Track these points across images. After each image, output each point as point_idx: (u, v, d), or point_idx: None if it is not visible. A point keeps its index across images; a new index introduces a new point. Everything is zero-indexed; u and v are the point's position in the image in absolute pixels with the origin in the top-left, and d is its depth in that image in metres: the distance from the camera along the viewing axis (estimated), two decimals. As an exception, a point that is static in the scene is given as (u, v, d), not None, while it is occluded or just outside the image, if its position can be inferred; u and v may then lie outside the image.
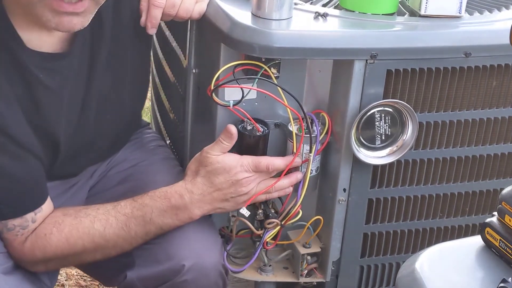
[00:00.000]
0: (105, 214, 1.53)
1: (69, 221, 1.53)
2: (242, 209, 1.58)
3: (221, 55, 1.55)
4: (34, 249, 1.52)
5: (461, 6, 1.60)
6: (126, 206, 1.54)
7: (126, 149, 1.82)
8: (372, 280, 1.75)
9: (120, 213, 1.53)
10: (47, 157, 1.55)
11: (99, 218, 1.53)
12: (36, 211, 1.52)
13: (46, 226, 1.53)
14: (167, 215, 1.53)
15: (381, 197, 1.66)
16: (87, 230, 1.52)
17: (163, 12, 1.56)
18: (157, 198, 1.53)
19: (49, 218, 1.54)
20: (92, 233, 1.52)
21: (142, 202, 1.53)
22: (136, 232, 1.53)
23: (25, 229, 1.51)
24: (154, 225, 1.53)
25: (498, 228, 1.16)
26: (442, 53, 1.55)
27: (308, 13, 1.57)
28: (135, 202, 1.54)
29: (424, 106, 1.59)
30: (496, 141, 1.68)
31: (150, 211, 1.52)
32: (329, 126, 1.59)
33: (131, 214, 1.53)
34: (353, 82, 1.52)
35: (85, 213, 1.54)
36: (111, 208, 1.54)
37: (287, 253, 1.72)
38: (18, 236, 1.51)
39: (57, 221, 1.53)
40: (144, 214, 1.52)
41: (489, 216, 1.20)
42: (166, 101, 2.00)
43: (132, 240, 1.54)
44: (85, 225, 1.53)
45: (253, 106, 1.59)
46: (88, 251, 1.55)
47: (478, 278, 1.14)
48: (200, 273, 1.56)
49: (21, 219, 1.50)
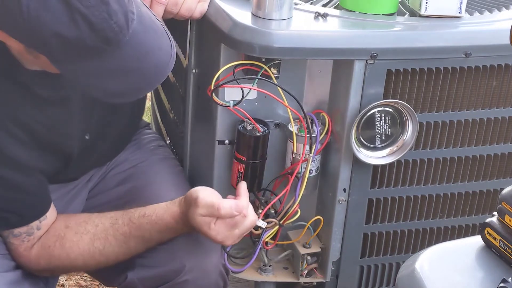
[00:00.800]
0: (104, 233, 1.54)
1: (70, 236, 1.54)
2: (258, 221, 1.57)
3: (221, 55, 1.55)
4: (39, 258, 1.54)
5: (461, 6, 1.60)
6: (124, 225, 1.54)
7: (126, 149, 1.82)
8: (372, 280, 1.75)
9: (119, 232, 1.54)
10: (56, 168, 1.56)
11: (98, 237, 1.54)
12: (41, 219, 1.53)
13: (50, 238, 1.54)
14: (166, 234, 1.54)
15: (381, 197, 1.66)
16: (87, 248, 1.54)
17: (165, 10, 1.55)
18: (154, 223, 1.53)
19: (52, 229, 1.55)
20: (92, 251, 1.54)
21: (139, 224, 1.53)
22: (136, 248, 1.54)
23: (31, 236, 1.52)
24: (154, 241, 1.54)
25: (498, 228, 1.16)
26: (442, 53, 1.55)
27: (308, 13, 1.57)
28: (132, 224, 1.54)
29: (424, 106, 1.59)
30: (496, 141, 1.68)
31: (148, 232, 1.53)
32: (329, 126, 1.59)
33: (129, 234, 1.53)
34: (353, 82, 1.52)
35: (85, 229, 1.55)
36: (109, 226, 1.54)
37: (287, 253, 1.72)
38: (24, 242, 1.53)
39: (60, 234, 1.54)
40: (143, 235, 1.53)
41: (489, 216, 1.20)
42: (166, 101, 2.00)
43: (133, 253, 1.55)
44: (85, 243, 1.54)
45: (253, 106, 1.59)
46: (89, 265, 1.57)
47: (478, 278, 1.14)
48: (200, 273, 1.56)
49: (27, 227, 1.51)
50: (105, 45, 1.22)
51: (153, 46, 1.30)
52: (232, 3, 1.58)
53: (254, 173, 1.62)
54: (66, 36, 1.20)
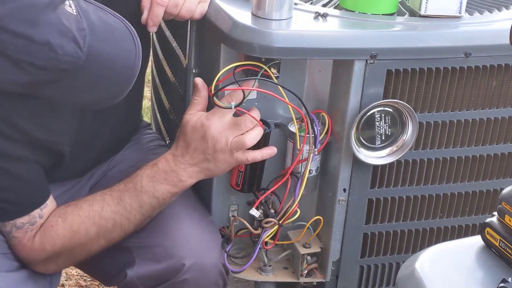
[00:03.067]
0: (101, 195, 1.56)
1: (71, 209, 1.56)
2: (252, 210, 1.58)
3: (221, 55, 1.55)
4: (43, 242, 1.53)
5: (461, 6, 1.60)
6: (120, 183, 1.57)
7: (126, 149, 1.82)
8: (372, 280, 1.75)
9: (114, 190, 1.56)
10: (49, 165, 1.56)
11: (96, 200, 1.56)
12: (42, 207, 1.53)
13: (52, 218, 1.55)
14: (156, 180, 1.54)
15: (381, 197, 1.66)
16: (87, 213, 1.54)
17: (165, 11, 1.55)
18: (146, 167, 1.56)
19: (54, 212, 1.56)
20: (92, 214, 1.54)
21: (133, 174, 1.57)
22: (131, 205, 1.55)
23: (34, 225, 1.53)
24: (146, 193, 1.54)
25: (498, 228, 1.16)
26: (442, 53, 1.55)
27: (308, 13, 1.57)
28: (127, 177, 1.57)
29: (424, 106, 1.59)
30: (496, 141, 1.68)
31: (140, 179, 1.55)
32: (329, 126, 1.59)
33: (124, 188, 1.55)
34: (353, 82, 1.52)
35: (85, 199, 1.57)
36: (107, 190, 1.57)
37: (287, 253, 1.72)
38: (28, 233, 1.52)
39: (61, 212, 1.55)
40: (135, 184, 1.55)
41: (489, 216, 1.20)
42: (166, 101, 2.00)
43: (129, 215, 1.55)
44: (84, 209, 1.55)
45: (253, 106, 1.59)
46: (91, 236, 1.55)
47: (478, 278, 1.14)
48: (200, 272, 1.56)
49: (28, 216, 1.51)
50: (64, 74, 1.25)
51: (115, 51, 1.31)
52: (232, 3, 1.58)
53: (254, 173, 1.62)
54: (22, 82, 1.24)
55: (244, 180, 1.62)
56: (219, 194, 1.68)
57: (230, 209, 1.70)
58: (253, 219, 1.65)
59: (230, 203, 1.69)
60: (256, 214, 1.60)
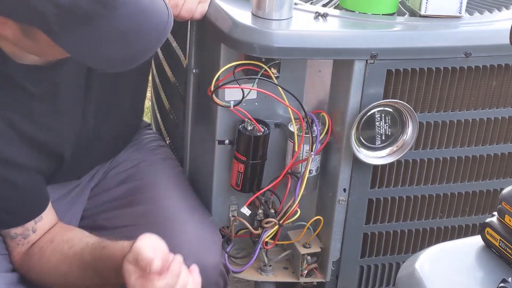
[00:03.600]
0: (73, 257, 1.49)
1: (48, 251, 1.52)
2: (243, 208, 1.58)
3: (221, 55, 1.55)
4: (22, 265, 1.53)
5: (461, 6, 1.60)
6: (88, 254, 1.47)
7: (126, 149, 1.82)
8: (372, 280, 1.75)
9: (82, 260, 1.48)
10: (50, 167, 1.55)
11: (67, 259, 1.50)
12: (36, 219, 1.52)
13: (34, 248, 1.53)
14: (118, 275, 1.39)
15: (381, 197, 1.66)
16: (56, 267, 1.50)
17: None
18: (108, 258, 1.42)
19: (40, 241, 1.53)
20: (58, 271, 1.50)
21: (98, 255, 1.45)
22: (92, 281, 1.48)
23: (26, 239, 1.52)
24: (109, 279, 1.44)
25: (498, 228, 1.16)
26: (442, 53, 1.55)
27: (308, 13, 1.57)
28: (94, 253, 1.46)
29: (424, 106, 1.59)
30: (496, 141, 1.68)
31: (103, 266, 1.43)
32: (329, 126, 1.59)
33: (88, 265, 1.46)
34: (353, 82, 1.52)
35: (61, 249, 1.51)
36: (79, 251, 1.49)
37: (287, 253, 1.72)
38: (19, 246, 1.52)
39: (42, 247, 1.53)
40: (95, 268, 1.45)
41: (489, 216, 1.20)
42: (166, 101, 2.00)
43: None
44: (55, 261, 1.51)
45: (253, 106, 1.59)
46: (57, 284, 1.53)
47: (478, 278, 1.14)
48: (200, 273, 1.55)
49: (22, 227, 1.51)
50: (101, 6, 1.21)
51: (149, 6, 1.28)
52: (232, 3, 1.58)
53: (254, 173, 1.62)
54: (61, 2, 1.19)
55: (244, 180, 1.62)
56: (219, 194, 1.68)
57: (230, 209, 1.70)
58: (253, 219, 1.65)
59: (230, 203, 1.70)
60: (247, 213, 1.60)
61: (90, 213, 1.71)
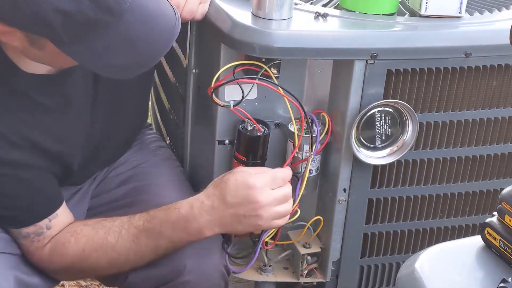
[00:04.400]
0: (119, 227, 1.51)
1: (87, 231, 1.52)
2: None
3: (221, 55, 1.55)
4: (52, 256, 1.52)
5: (461, 6, 1.60)
6: (140, 218, 1.51)
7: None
8: (372, 280, 1.75)
9: (132, 226, 1.51)
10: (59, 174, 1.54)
11: (113, 230, 1.51)
12: (50, 217, 1.51)
13: (65, 235, 1.52)
14: (176, 227, 1.48)
15: (381, 197, 1.66)
16: (100, 241, 1.51)
17: None
18: (169, 209, 1.50)
19: (69, 227, 1.53)
20: (105, 245, 1.51)
21: (153, 214, 1.50)
22: (146, 245, 1.50)
23: (41, 236, 1.51)
24: (164, 239, 1.50)
25: (498, 228, 1.16)
26: (442, 53, 1.55)
27: (308, 13, 1.57)
28: (147, 215, 1.51)
29: (424, 106, 1.59)
30: (496, 141, 1.68)
31: (159, 223, 1.49)
32: (329, 126, 1.59)
33: (142, 227, 1.50)
34: (353, 82, 1.52)
35: (102, 225, 1.53)
36: (126, 221, 1.52)
37: (287, 253, 1.72)
38: (34, 243, 1.51)
39: (76, 231, 1.52)
40: (154, 227, 1.49)
41: (489, 216, 1.20)
42: (166, 101, 2.00)
43: (143, 254, 1.51)
44: (99, 237, 1.51)
45: (253, 106, 1.59)
46: (101, 264, 1.53)
47: (478, 278, 1.14)
48: (201, 273, 1.55)
49: (34, 226, 1.50)
50: (108, 15, 1.21)
51: (156, 11, 1.28)
52: (232, 3, 1.58)
53: (254, 173, 1.62)
54: (67, 11, 1.19)
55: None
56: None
57: (230, 209, 1.69)
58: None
59: (230, 203, 1.69)
60: None
61: (91, 214, 1.71)
